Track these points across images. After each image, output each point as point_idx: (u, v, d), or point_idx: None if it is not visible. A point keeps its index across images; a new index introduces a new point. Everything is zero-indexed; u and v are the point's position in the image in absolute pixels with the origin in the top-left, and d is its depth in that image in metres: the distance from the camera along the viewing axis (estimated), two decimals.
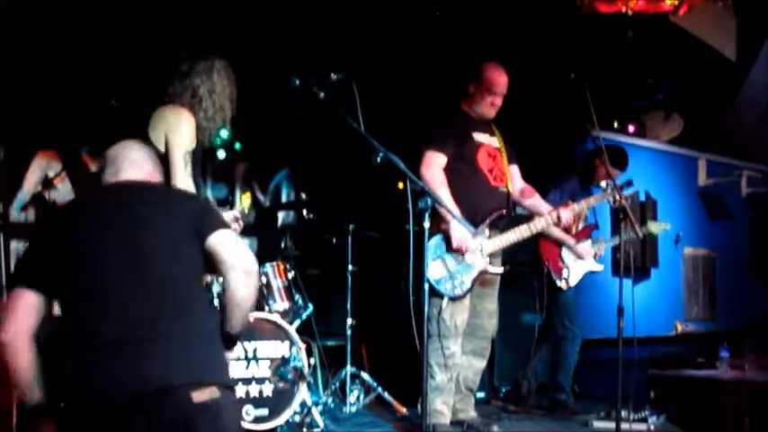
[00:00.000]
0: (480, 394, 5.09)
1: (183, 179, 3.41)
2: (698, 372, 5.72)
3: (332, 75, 3.58)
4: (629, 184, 4.84)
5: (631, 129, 7.82)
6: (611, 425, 4.33)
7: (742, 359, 5.61)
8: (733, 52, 6.75)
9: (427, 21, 5.64)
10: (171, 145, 3.41)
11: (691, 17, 6.08)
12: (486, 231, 4.49)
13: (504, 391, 5.92)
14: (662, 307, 7.53)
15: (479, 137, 4.62)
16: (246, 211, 3.99)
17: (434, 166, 4.45)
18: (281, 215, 6.42)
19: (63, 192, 5.36)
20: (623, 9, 5.76)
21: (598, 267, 5.45)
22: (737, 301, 8.26)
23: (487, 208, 4.51)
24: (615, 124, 7.63)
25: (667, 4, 5.83)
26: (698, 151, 8.27)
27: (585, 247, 5.36)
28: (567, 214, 4.66)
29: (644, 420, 4.71)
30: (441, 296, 4.38)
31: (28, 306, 2.36)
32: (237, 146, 5.88)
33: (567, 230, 5.13)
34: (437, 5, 5.63)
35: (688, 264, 8.13)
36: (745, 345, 5.83)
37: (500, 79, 4.60)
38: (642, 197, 7.45)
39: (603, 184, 4.74)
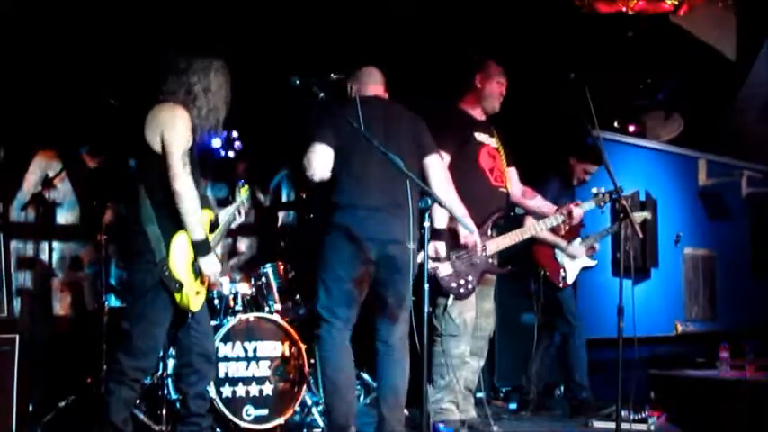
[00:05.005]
0: (480, 394, 5.07)
1: (184, 179, 3.35)
2: (698, 372, 5.72)
3: (332, 75, 3.58)
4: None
5: (631, 129, 7.82)
6: (612, 425, 4.33)
7: (742, 359, 5.59)
8: (733, 52, 6.75)
9: (426, 21, 5.63)
10: (168, 145, 3.34)
11: (691, 17, 6.09)
12: (489, 231, 4.49)
13: (503, 390, 5.91)
14: (662, 307, 7.52)
15: (481, 137, 4.61)
16: (245, 202, 3.95)
17: None
18: (281, 215, 6.41)
19: (63, 192, 5.36)
20: (623, 9, 5.77)
21: (592, 263, 5.46)
22: (737, 301, 8.25)
23: (488, 208, 4.49)
24: (615, 124, 7.63)
25: (667, 4, 5.84)
26: (698, 151, 8.26)
27: (576, 247, 5.37)
28: (578, 211, 4.61)
29: (644, 420, 4.71)
30: (446, 295, 4.36)
31: None
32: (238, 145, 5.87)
33: (554, 232, 5.05)
34: (436, 5, 5.62)
35: (688, 264, 8.11)
36: (745, 345, 5.81)
37: (503, 75, 4.62)
38: (642, 197, 7.45)
39: (594, 190, 4.69)
